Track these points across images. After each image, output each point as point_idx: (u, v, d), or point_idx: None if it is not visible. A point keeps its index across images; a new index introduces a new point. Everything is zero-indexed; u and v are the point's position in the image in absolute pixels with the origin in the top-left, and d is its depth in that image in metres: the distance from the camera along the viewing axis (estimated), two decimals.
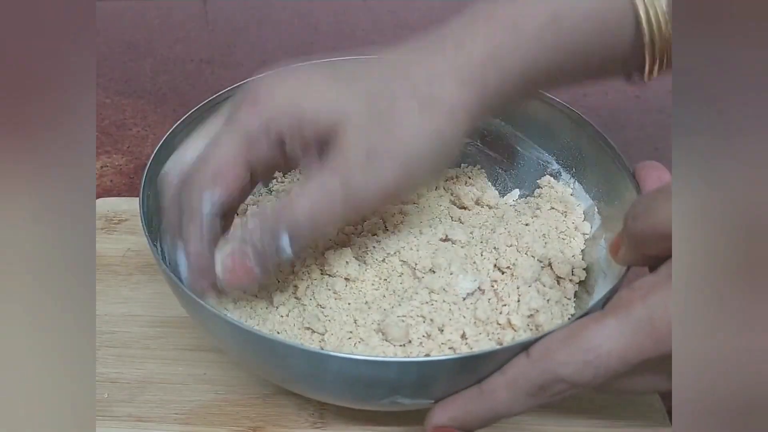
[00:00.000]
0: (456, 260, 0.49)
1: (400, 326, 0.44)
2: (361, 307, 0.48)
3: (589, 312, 0.40)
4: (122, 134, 0.82)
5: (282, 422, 0.50)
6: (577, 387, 0.37)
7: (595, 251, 0.52)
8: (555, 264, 0.50)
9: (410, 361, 0.40)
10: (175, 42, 1.03)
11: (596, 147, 0.54)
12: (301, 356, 0.39)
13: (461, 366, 0.39)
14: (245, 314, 0.48)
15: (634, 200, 0.43)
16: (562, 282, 0.50)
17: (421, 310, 0.45)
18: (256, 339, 0.40)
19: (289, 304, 0.48)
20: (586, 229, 0.54)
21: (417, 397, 0.42)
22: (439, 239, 0.51)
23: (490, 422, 0.40)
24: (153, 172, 0.49)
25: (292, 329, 0.47)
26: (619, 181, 0.51)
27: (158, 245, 0.48)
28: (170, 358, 0.54)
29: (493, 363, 0.39)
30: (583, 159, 0.56)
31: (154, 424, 0.49)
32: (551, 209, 0.55)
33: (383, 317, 0.45)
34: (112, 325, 0.56)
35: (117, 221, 0.65)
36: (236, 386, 0.52)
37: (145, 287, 0.59)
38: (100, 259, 0.61)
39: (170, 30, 1.06)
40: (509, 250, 0.50)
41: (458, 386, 0.41)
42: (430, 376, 0.40)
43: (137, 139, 0.82)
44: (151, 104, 0.88)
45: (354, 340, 0.45)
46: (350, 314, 0.47)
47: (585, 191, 0.56)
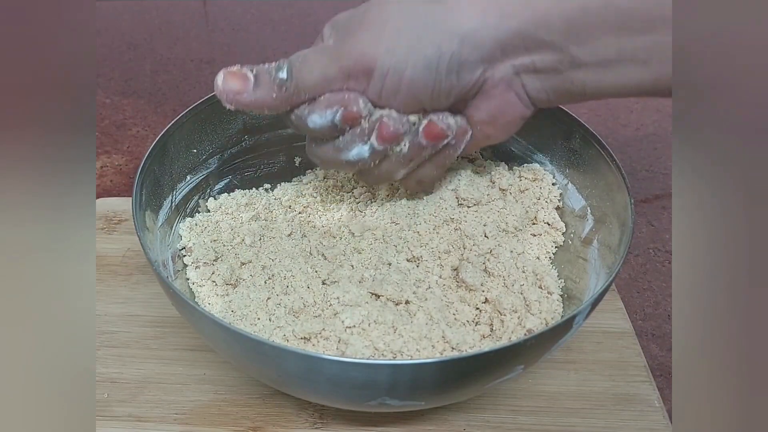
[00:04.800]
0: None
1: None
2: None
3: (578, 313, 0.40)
4: (122, 134, 0.82)
5: (282, 422, 0.50)
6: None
7: (588, 251, 0.52)
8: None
9: (401, 364, 0.40)
10: (175, 42, 1.03)
11: (589, 148, 0.54)
12: (289, 357, 0.40)
13: (450, 369, 0.39)
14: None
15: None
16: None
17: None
18: (244, 340, 0.40)
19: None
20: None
21: (406, 399, 0.42)
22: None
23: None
24: (147, 172, 0.49)
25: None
26: (611, 182, 0.51)
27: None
28: (170, 358, 0.54)
29: (483, 365, 0.40)
30: (576, 160, 0.56)
31: (153, 424, 0.49)
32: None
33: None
34: (112, 325, 0.56)
35: (117, 221, 0.66)
36: (236, 386, 0.52)
37: (145, 287, 0.59)
38: (100, 259, 0.61)
39: (170, 30, 1.06)
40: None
41: (448, 388, 0.41)
42: (420, 378, 0.40)
43: (137, 139, 0.82)
44: (151, 104, 0.88)
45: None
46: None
47: (578, 192, 0.56)
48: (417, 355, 0.45)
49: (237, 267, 0.53)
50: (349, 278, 0.50)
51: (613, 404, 0.51)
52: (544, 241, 0.55)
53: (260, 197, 0.59)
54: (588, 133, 0.54)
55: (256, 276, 0.52)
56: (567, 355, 0.54)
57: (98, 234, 0.64)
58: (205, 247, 0.54)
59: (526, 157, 0.59)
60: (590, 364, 0.54)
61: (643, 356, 0.54)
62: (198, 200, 0.57)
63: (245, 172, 0.61)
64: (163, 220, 0.53)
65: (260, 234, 0.55)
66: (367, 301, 0.49)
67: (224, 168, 0.60)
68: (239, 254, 0.53)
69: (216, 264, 0.53)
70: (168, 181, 0.54)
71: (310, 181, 0.61)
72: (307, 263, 0.52)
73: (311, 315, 0.48)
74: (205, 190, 0.58)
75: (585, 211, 0.55)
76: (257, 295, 0.50)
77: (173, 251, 0.54)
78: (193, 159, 0.57)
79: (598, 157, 0.53)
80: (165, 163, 0.53)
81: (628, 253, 0.45)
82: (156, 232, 0.51)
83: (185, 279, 0.53)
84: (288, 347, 0.41)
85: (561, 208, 0.57)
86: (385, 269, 0.51)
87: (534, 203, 0.56)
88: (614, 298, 0.59)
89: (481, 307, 0.50)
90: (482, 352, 0.39)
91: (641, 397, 0.51)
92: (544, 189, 0.57)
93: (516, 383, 0.52)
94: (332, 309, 0.48)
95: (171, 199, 0.54)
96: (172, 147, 0.54)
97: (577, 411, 0.50)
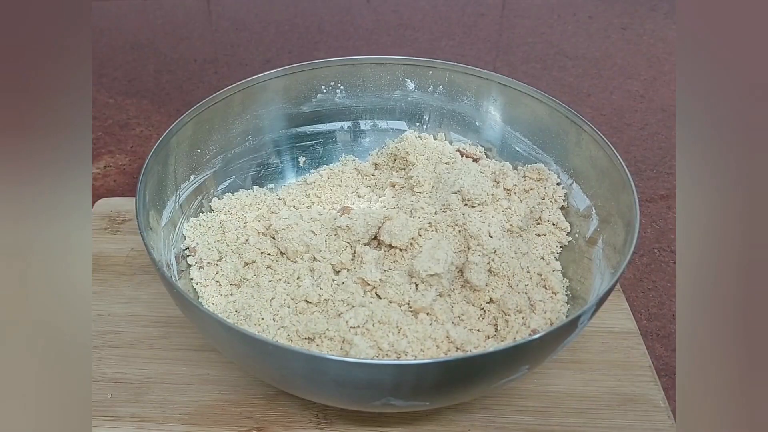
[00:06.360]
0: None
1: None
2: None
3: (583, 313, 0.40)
4: (126, 134, 0.82)
5: (286, 422, 0.50)
6: None
7: (593, 251, 0.52)
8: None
9: (405, 364, 0.40)
10: (178, 42, 1.03)
11: (594, 147, 0.54)
12: (293, 358, 0.39)
13: (455, 369, 0.39)
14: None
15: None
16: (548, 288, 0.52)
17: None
18: (248, 340, 0.40)
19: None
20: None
21: (411, 399, 0.41)
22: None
23: None
24: (151, 172, 0.49)
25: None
26: (616, 182, 0.51)
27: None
28: (174, 359, 0.54)
29: (488, 365, 0.39)
30: (580, 159, 0.56)
31: (157, 425, 0.49)
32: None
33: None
34: (115, 325, 0.56)
35: (120, 221, 0.65)
36: (240, 386, 0.52)
37: (149, 287, 0.59)
38: (104, 259, 0.61)
39: (173, 30, 1.06)
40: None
41: (452, 389, 0.41)
42: (424, 378, 0.40)
43: (141, 138, 0.82)
44: (154, 104, 0.88)
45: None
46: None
47: (583, 191, 0.56)
48: (421, 355, 0.45)
49: (241, 267, 0.53)
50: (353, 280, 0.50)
51: (618, 404, 0.51)
52: (548, 241, 0.55)
53: (264, 197, 0.59)
54: (593, 132, 0.54)
55: (261, 276, 0.52)
56: (572, 355, 0.54)
57: (101, 234, 0.64)
58: (209, 247, 0.54)
59: (530, 156, 0.59)
60: (595, 364, 0.53)
61: (648, 356, 0.54)
62: (202, 200, 0.57)
63: (249, 171, 0.61)
64: (167, 219, 0.53)
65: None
66: (371, 301, 0.49)
67: (228, 168, 0.59)
68: (243, 254, 0.53)
69: (220, 264, 0.53)
70: (171, 180, 0.54)
71: (314, 180, 0.61)
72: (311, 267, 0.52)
73: (315, 314, 0.48)
74: (209, 190, 0.58)
75: (590, 210, 0.55)
76: (261, 295, 0.50)
77: (177, 251, 0.53)
78: (196, 159, 0.57)
79: (603, 156, 0.53)
80: (168, 163, 0.53)
81: (633, 252, 0.45)
82: (159, 232, 0.51)
83: (189, 279, 0.53)
84: (292, 347, 0.41)
85: (566, 208, 0.57)
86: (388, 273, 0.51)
87: (539, 203, 0.56)
88: (619, 298, 0.59)
89: (485, 307, 0.50)
90: (487, 352, 0.39)
91: (646, 397, 0.51)
92: (548, 189, 0.57)
93: (521, 383, 0.52)
94: (336, 309, 0.48)
95: (175, 198, 0.54)
96: (175, 147, 0.54)
97: (582, 411, 0.50)
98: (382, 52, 1.00)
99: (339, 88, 0.62)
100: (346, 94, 0.63)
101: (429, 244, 0.51)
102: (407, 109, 0.64)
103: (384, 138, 0.64)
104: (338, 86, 0.62)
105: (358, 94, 0.63)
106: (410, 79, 0.63)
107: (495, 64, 0.99)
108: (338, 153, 0.64)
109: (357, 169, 0.63)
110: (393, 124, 0.64)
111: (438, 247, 0.50)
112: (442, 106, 0.63)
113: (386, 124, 0.64)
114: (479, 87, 0.61)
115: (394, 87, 0.63)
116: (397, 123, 0.64)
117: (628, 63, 1.00)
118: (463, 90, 0.62)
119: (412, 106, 0.64)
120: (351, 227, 0.52)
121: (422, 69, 0.62)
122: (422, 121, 0.64)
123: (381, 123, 0.64)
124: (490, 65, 1.00)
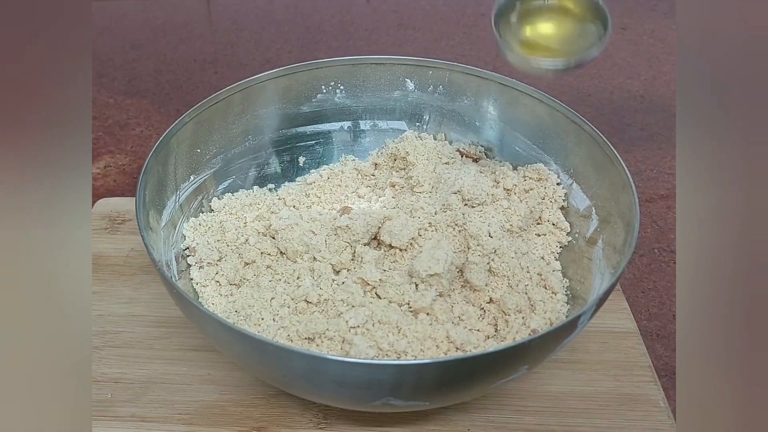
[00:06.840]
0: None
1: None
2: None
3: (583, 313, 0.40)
4: (126, 134, 0.82)
5: (286, 422, 0.50)
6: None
7: (593, 251, 0.52)
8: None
9: (405, 364, 0.40)
10: (178, 42, 1.03)
11: (594, 147, 0.54)
12: (293, 358, 0.39)
13: (455, 369, 0.39)
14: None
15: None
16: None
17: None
18: (248, 340, 0.40)
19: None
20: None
21: (411, 399, 0.41)
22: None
23: None
24: (151, 172, 0.49)
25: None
26: (616, 182, 0.51)
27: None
28: (174, 359, 0.54)
29: (487, 365, 0.39)
30: (580, 159, 0.56)
31: (157, 425, 0.49)
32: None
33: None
34: (115, 325, 0.56)
35: (120, 221, 0.65)
36: (240, 386, 0.52)
37: (149, 287, 0.59)
38: (104, 260, 0.61)
39: (174, 30, 1.06)
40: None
41: (452, 389, 0.41)
42: (424, 378, 0.40)
43: (141, 138, 0.82)
44: (154, 104, 0.88)
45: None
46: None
47: (583, 191, 0.56)
48: (421, 355, 0.45)
49: (241, 267, 0.53)
50: (353, 280, 0.50)
51: (618, 404, 0.51)
52: (548, 241, 0.55)
53: (264, 197, 0.59)
54: (593, 132, 0.54)
55: (261, 276, 0.52)
56: (572, 355, 0.54)
57: (101, 234, 0.64)
58: (209, 247, 0.54)
59: (530, 156, 0.59)
60: (595, 364, 0.53)
61: (648, 356, 0.54)
62: (202, 200, 0.57)
63: (249, 171, 0.61)
64: (167, 220, 0.53)
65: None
66: (370, 301, 0.49)
67: (228, 168, 0.59)
68: (243, 254, 0.53)
69: (220, 264, 0.53)
70: (171, 180, 0.54)
71: (314, 180, 0.61)
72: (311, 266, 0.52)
73: (315, 314, 0.48)
74: (209, 190, 0.58)
75: (590, 210, 0.55)
76: (261, 295, 0.50)
77: (177, 251, 0.53)
78: (196, 159, 0.57)
79: (603, 156, 0.53)
80: (168, 163, 0.53)
81: (633, 252, 0.45)
82: (159, 232, 0.51)
83: (189, 279, 0.53)
84: (292, 347, 0.41)
85: (566, 208, 0.57)
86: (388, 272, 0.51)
87: (539, 203, 0.56)
88: (619, 298, 0.59)
89: (485, 307, 0.50)
90: (486, 352, 0.39)
91: (646, 398, 0.51)
92: (548, 189, 0.57)
93: (520, 383, 0.52)
94: (336, 309, 0.48)
95: (175, 198, 0.54)
96: (175, 147, 0.54)
97: (582, 411, 0.50)
98: (382, 52, 1.00)
99: (339, 88, 0.62)
100: (346, 94, 0.63)
101: (429, 244, 0.51)
102: (407, 109, 0.64)
103: (384, 138, 0.64)
104: (338, 86, 0.62)
105: (358, 94, 0.63)
106: (410, 79, 0.63)
107: (495, 64, 0.99)
108: (338, 153, 0.64)
109: (357, 169, 0.63)
110: (393, 124, 0.64)
111: (438, 247, 0.50)
112: (442, 106, 0.63)
113: (386, 124, 0.64)
114: (479, 87, 0.61)
115: (393, 87, 0.63)
116: (397, 123, 0.64)
117: (628, 63, 1.00)
118: (463, 90, 0.62)
119: (411, 106, 0.64)
120: (351, 227, 0.52)
121: (422, 69, 0.62)
122: (422, 121, 0.64)
123: (381, 123, 0.64)
124: (490, 65, 1.00)
